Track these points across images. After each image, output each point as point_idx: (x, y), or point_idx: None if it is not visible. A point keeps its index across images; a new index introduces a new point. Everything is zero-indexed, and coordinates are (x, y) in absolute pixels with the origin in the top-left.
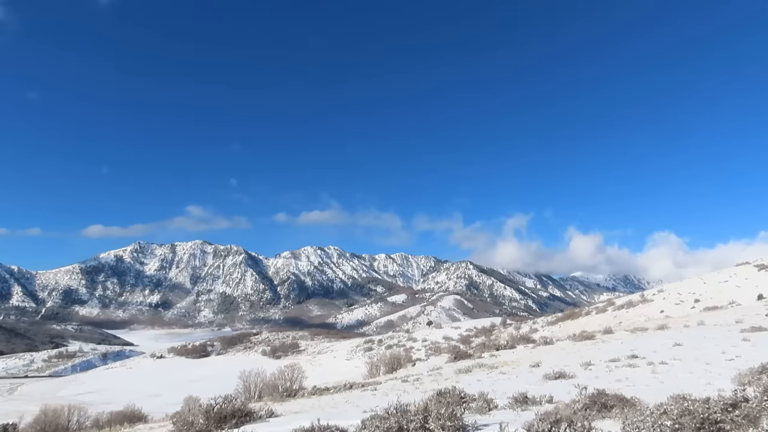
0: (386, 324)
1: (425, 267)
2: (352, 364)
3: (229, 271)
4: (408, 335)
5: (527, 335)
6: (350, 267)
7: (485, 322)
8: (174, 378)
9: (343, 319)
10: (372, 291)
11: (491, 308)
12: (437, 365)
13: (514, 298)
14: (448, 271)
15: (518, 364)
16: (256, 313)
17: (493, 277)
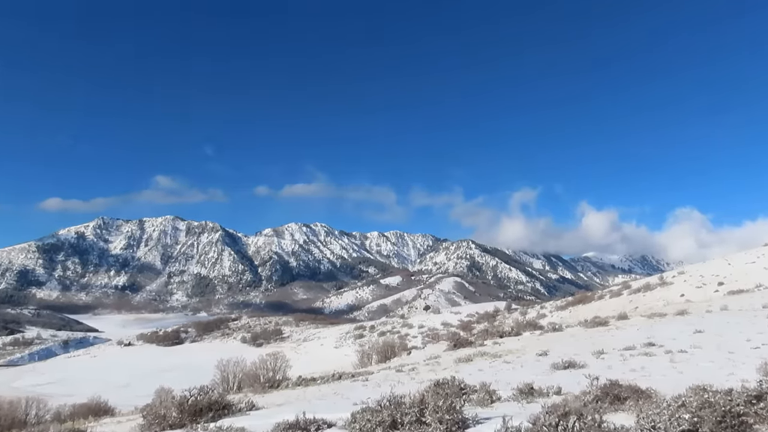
0: (379, 309)
1: (422, 246)
2: (342, 353)
3: (205, 249)
4: (403, 321)
5: (534, 321)
6: (339, 246)
7: (488, 307)
8: (144, 367)
9: (332, 304)
10: (363, 272)
11: (495, 292)
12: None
13: (521, 280)
14: (447, 251)
15: (524, 353)
16: (234, 296)
17: (498, 258)
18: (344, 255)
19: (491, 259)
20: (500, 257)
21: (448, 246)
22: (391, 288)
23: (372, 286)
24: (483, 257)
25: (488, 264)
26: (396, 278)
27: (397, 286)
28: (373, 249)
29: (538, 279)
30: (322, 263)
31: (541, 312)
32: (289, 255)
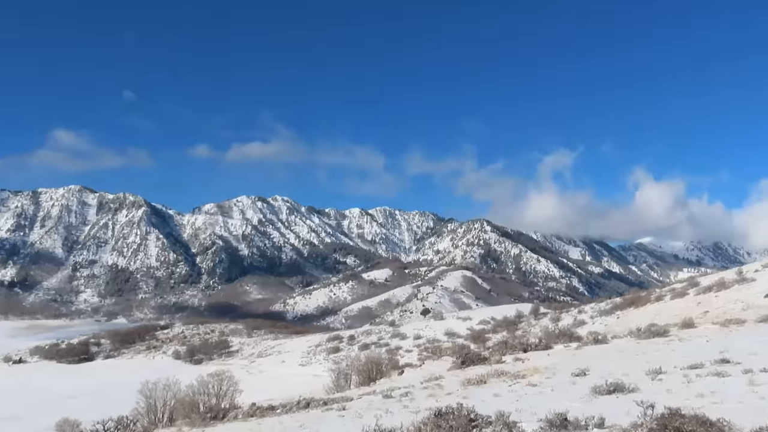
0: (361, 313)
1: (420, 229)
2: (310, 372)
3: (123, 232)
4: (393, 330)
5: (569, 330)
6: (307, 228)
7: (508, 311)
8: (40, 393)
9: (297, 306)
10: (340, 264)
11: (517, 290)
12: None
13: (552, 275)
14: (454, 236)
15: (555, 372)
16: (164, 296)
17: (522, 245)
18: (314, 240)
19: (513, 247)
20: (525, 244)
21: (455, 228)
22: (378, 285)
23: (352, 283)
24: (502, 244)
25: (509, 253)
26: (384, 272)
27: (385, 283)
28: (354, 232)
29: (575, 273)
30: (283, 251)
31: (579, 318)
32: (239, 240)
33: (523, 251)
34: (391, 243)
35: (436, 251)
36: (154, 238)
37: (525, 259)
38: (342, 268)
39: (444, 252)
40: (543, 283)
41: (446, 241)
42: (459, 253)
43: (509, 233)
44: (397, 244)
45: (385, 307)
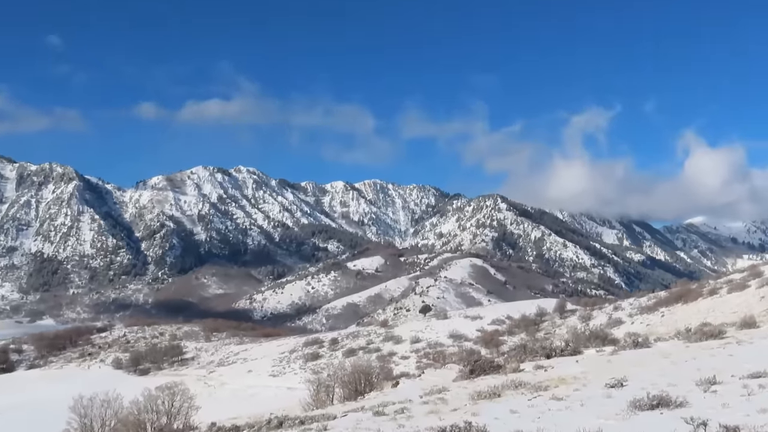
0: (346, 311)
1: (419, 207)
2: (283, 384)
3: (50, 212)
4: (386, 332)
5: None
6: (279, 206)
7: (527, 308)
8: None
9: (266, 303)
10: (320, 251)
11: (539, 282)
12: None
13: (582, 263)
14: (461, 215)
15: (586, 383)
16: (101, 291)
17: (544, 226)
18: (287, 221)
19: (533, 229)
20: (549, 225)
21: (462, 206)
22: (366, 276)
23: (334, 274)
24: (520, 225)
25: (528, 236)
26: (374, 260)
27: (375, 274)
28: (337, 211)
29: (610, 261)
30: (250, 235)
31: (615, 316)
32: (195, 221)
33: (546, 234)
34: (382, 224)
35: (439, 234)
36: (88, 219)
37: (548, 244)
38: (322, 255)
39: (448, 235)
40: (571, 273)
41: (451, 222)
42: (467, 237)
43: (529, 212)
44: (390, 225)
45: (376, 303)
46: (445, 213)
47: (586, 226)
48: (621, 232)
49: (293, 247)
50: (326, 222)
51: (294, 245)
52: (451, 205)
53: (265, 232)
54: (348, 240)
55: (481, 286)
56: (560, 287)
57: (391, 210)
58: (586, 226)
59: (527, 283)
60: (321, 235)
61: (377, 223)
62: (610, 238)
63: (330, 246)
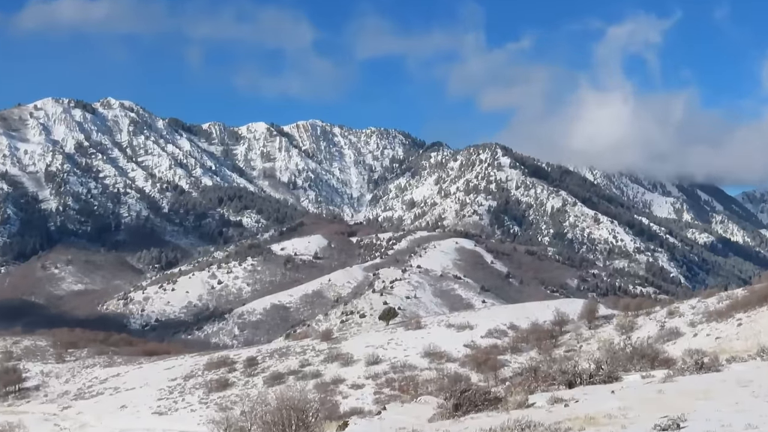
0: (270, 316)
1: (380, 162)
2: (175, 427)
3: None
4: (330, 348)
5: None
6: (169, 160)
7: (540, 312)
8: None
9: (150, 305)
10: (230, 227)
11: (558, 274)
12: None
13: (622, 246)
14: (442, 175)
15: (626, 424)
16: None
17: (566, 192)
18: (182, 182)
19: (550, 195)
20: (573, 190)
21: (445, 161)
22: (301, 265)
23: (252, 261)
24: (530, 190)
25: (542, 207)
26: (312, 240)
27: (314, 261)
28: (257, 168)
29: (664, 244)
30: (124, 203)
31: (671, 324)
32: (40, 181)
33: (568, 204)
34: (325, 188)
35: (410, 203)
36: None
37: (572, 218)
38: (234, 234)
39: (424, 205)
40: (605, 261)
41: (428, 184)
42: (452, 207)
43: (544, 171)
44: (336, 189)
45: (314, 305)
46: (418, 171)
47: (629, 191)
48: (679, 202)
49: (190, 221)
50: (240, 183)
51: (191, 218)
52: (427, 160)
53: (148, 199)
54: (273, 211)
55: (472, 281)
56: (589, 282)
57: (338, 166)
58: (628, 192)
59: (540, 277)
60: (232, 204)
61: (317, 185)
62: (663, 209)
63: (246, 219)
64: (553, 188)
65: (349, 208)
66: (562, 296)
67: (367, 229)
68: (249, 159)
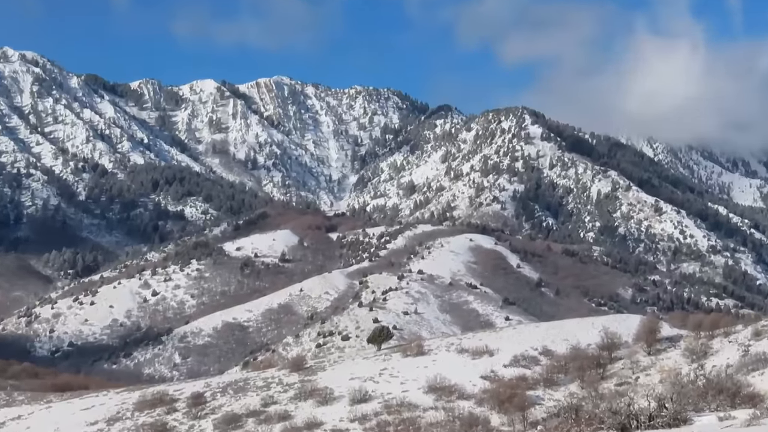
0: (222, 338)
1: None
2: None
3: None
4: (302, 380)
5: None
6: (87, 131)
7: (582, 333)
8: None
9: (62, 323)
10: (169, 219)
11: (607, 282)
12: None
13: (692, 244)
14: (451, 148)
15: None
16: None
17: (616, 172)
18: (104, 160)
19: (596, 177)
20: (626, 170)
21: (455, 131)
22: (264, 271)
23: (199, 265)
24: (569, 169)
25: (585, 191)
26: (279, 237)
27: (281, 265)
28: (204, 140)
29: (746, 239)
30: (27, 188)
31: (756, 348)
32: None
33: (620, 187)
34: (295, 166)
35: (408, 187)
36: None
37: (625, 206)
38: (174, 228)
39: (426, 189)
40: (670, 264)
41: (432, 161)
42: (464, 192)
43: (586, 143)
44: (309, 169)
45: (280, 323)
46: (419, 145)
47: (700, 171)
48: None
49: (115, 212)
50: (181, 161)
51: (116, 208)
52: (431, 130)
53: (59, 182)
54: (225, 198)
55: (492, 291)
56: (648, 293)
57: (312, 138)
58: (699, 172)
59: (583, 285)
60: (171, 189)
61: (284, 163)
62: (746, 195)
63: (189, 209)
64: (599, 167)
65: (328, 195)
66: (612, 311)
67: (352, 222)
68: (193, 129)
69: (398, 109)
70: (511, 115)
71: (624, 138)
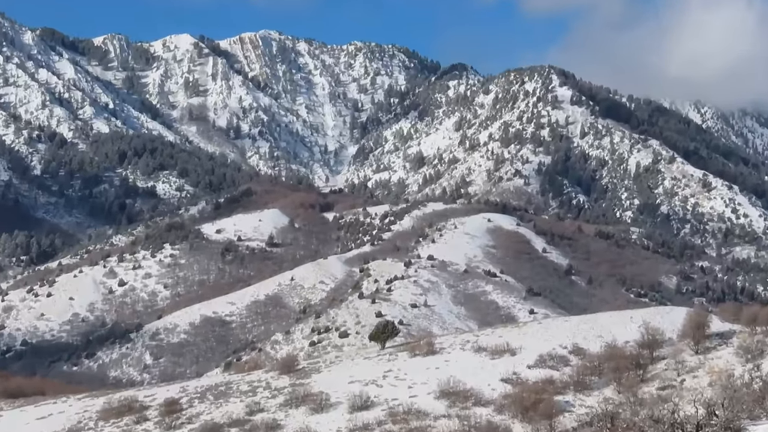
0: (200, 334)
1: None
2: None
3: None
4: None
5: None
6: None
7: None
8: None
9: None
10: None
11: (647, 270)
12: None
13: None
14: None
15: None
16: None
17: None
18: (62, 129)
19: (634, 147)
20: (669, 139)
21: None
22: (248, 256)
23: (173, 250)
24: (605, 136)
25: (622, 164)
26: (266, 218)
27: (268, 250)
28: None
29: None
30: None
31: None
32: None
33: (662, 159)
34: (285, 135)
35: (416, 159)
36: None
37: (668, 181)
38: (144, 207)
39: (438, 161)
40: (719, 248)
41: (444, 129)
42: (481, 166)
43: (623, 108)
44: (301, 138)
45: (268, 318)
46: (429, 110)
47: (756, 140)
48: None
49: (75, 189)
50: (153, 129)
51: (78, 184)
52: (444, 93)
53: (10, 154)
54: (204, 172)
55: (514, 280)
56: (695, 281)
57: (305, 102)
58: (755, 142)
59: (620, 273)
60: (141, 161)
61: (272, 132)
62: None
63: (162, 186)
64: (638, 136)
65: (323, 168)
66: (654, 303)
67: (351, 200)
68: (166, 92)
69: (405, 69)
70: (536, 75)
71: (667, 102)
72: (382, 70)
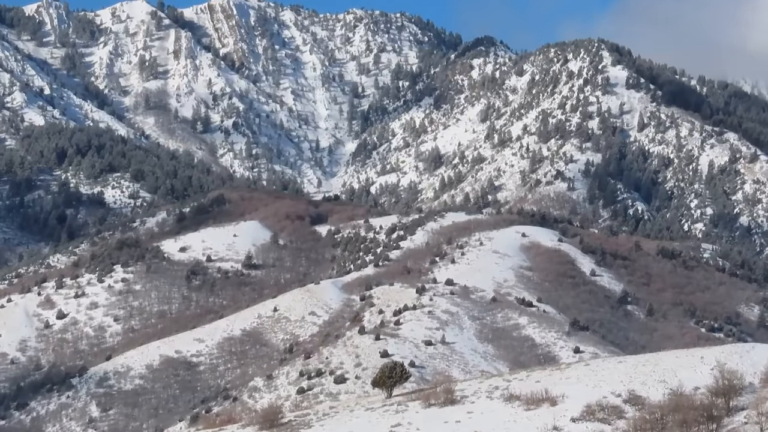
0: (159, 378)
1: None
2: None
3: None
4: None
5: None
6: None
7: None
8: None
9: None
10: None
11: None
12: None
13: None
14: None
15: None
16: None
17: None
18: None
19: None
20: (751, 131)
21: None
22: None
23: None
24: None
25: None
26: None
27: (245, 273)
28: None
29: None
30: None
31: None
32: None
33: (742, 157)
34: (267, 128)
35: (432, 156)
36: None
37: (749, 185)
38: (89, 219)
39: (460, 160)
40: None
41: (467, 120)
42: (513, 166)
43: (691, 93)
44: (287, 131)
45: (245, 359)
46: (448, 96)
47: None
48: None
49: (3, 196)
50: (100, 121)
51: (5, 190)
52: (465, 74)
53: None
54: (165, 175)
55: (555, 310)
56: None
57: (292, 86)
58: None
59: (688, 300)
60: (85, 161)
61: (250, 124)
62: None
63: (112, 192)
64: (711, 128)
65: (314, 169)
66: (731, 339)
67: (349, 210)
68: (116, 73)
69: (417, 44)
70: (583, 52)
71: (747, 86)
72: (389, 45)
